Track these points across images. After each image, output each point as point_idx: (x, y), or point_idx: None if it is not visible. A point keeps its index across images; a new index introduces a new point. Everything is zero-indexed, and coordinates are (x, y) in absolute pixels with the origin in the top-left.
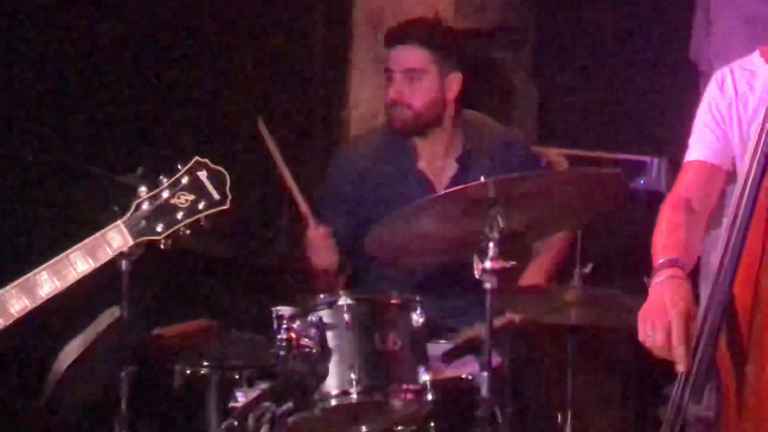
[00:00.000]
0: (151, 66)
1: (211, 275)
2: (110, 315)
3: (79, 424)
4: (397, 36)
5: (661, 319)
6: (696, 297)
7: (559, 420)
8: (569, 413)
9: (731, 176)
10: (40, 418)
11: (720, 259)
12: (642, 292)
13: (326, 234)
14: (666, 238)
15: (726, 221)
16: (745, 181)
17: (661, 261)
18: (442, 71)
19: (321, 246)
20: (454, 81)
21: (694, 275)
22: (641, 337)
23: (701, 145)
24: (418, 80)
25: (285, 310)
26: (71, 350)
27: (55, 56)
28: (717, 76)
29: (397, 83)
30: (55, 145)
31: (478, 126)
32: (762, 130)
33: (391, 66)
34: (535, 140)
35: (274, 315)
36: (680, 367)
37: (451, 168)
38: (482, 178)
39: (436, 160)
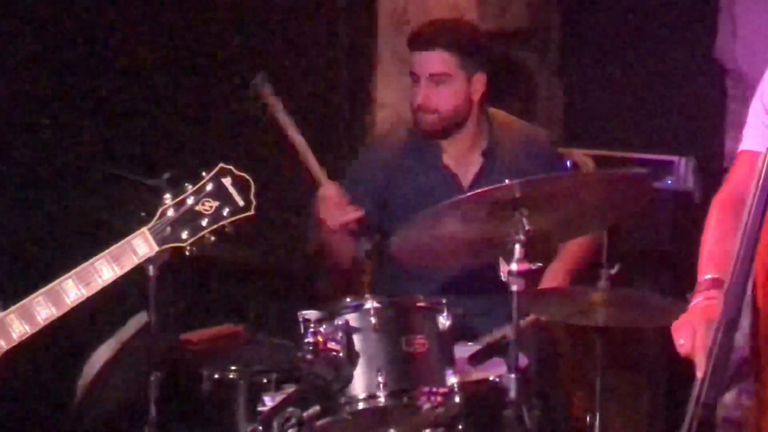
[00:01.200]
0: (174, 70)
1: (238, 280)
2: (138, 321)
3: (108, 429)
4: (422, 40)
5: (690, 329)
6: None
7: (587, 421)
8: (597, 414)
9: None
10: (69, 424)
11: (735, 257)
12: (668, 291)
13: (339, 191)
14: (711, 249)
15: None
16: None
17: (704, 279)
18: (467, 74)
19: (335, 204)
20: (480, 82)
21: None
22: (676, 346)
23: (754, 133)
24: (444, 84)
25: (311, 314)
26: (100, 356)
27: (85, 62)
28: None
29: (423, 88)
30: (81, 151)
31: (503, 123)
32: None
33: (417, 70)
34: (561, 141)
35: (300, 319)
36: (699, 373)
37: (477, 162)
38: (507, 180)
39: (461, 156)
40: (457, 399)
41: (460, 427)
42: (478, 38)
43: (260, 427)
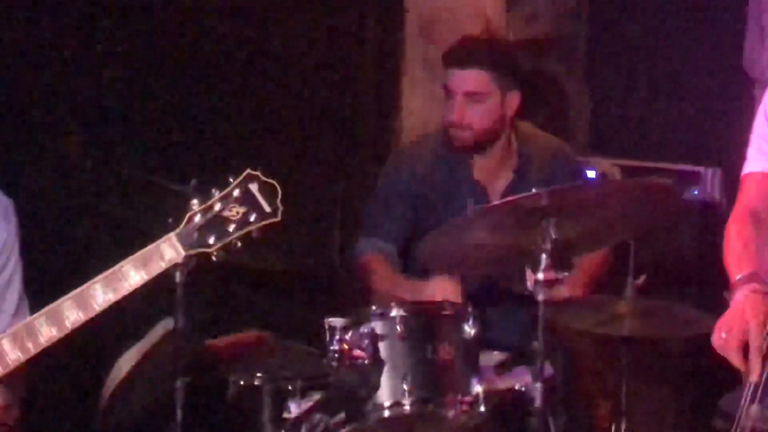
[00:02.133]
0: (202, 78)
1: (264, 287)
2: (164, 326)
3: None
4: (458, 58)
5: (738, 324)
6: None
7: (612, 431)
8: (622, 424)
9: None
10: (95, 429)
11: None
12: (695, 303)
13: None
14: (739, 253)
15: None
16: None
17: (739, 277)
18: (502, 92)
19: None
20: (514, 99)
21: None
22: (715, 341)
23: (760, 156)
24: (480, 102)
25: (337, 322)
26: (126, 361)
27: (108, 67)
28: None
29: (458, 105)
30: (111, 157)
31: (531, 137)
32: None
33: (452, 88)
34: (587, 150)
35: (326, 326)
36: (753, 377)
37: (507, 177)
38: (534, 189)
39: (492, 170)
40: (482, 408)
41: None
42: (512, 57)
43: None
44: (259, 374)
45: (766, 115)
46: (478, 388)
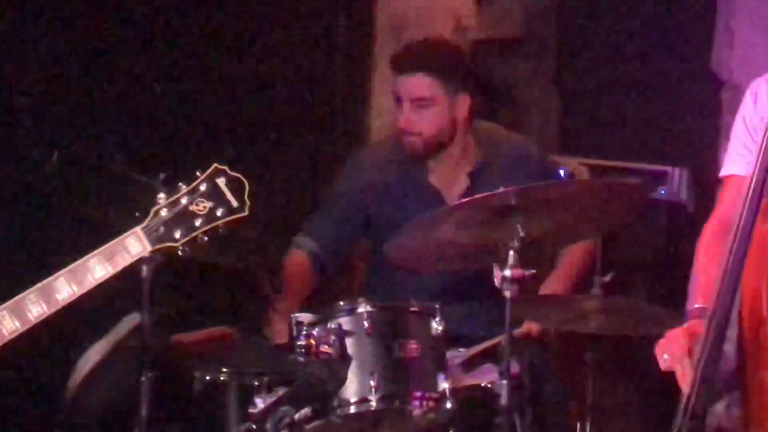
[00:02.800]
0: (171, 75)
1: (231, 282)
2: (131, 321)
3: (99, 429)
4: (404, 63)
5: (673, 345)
6: None
7: (578, 429)
8: (589, 422)
9: None
10: (60, 424)
11: (723, 273)
12: (661, 301)
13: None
14: (700, 276)
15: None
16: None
17: (692, 308)
18: (450, 96)
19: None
20: (464, 103)
21: None
22: (662, 365)
23: (738, 159)
24: (427, 108)
25: (305, 317)
26: (92, 355)
27: (81, 60)
28: (751, 87)
29: (406, 112)
30: (75, 150)
31: (492, 138)
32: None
33: (399, 94)
34: (556, 150)
35: (293, 321)
36: (680, 382)
37: (463, 181)
38: (502, 188)
39: (448, 175)
40: (448, 404)
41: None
42: (460, 60)
43: (254, 426)
44: (225, 369)
45: (745, 120)
46: (444, 385)
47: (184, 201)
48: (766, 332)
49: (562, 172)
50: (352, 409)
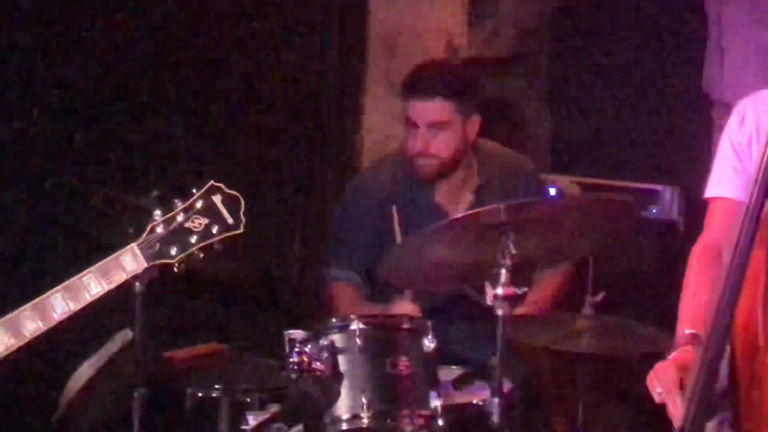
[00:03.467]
0: (164, 92)
1: (224, 299)
2: (123, 337)
3: None
4: (419, 89)
5: (663, 382)
6: None
7: None
8: None
9: None
10: None
11: (720, 298)
12: (653, 320)
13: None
14: (689, 301)
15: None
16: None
17: (681, 334)
18: (464, 118)
19: None
20: (475, 123)
21: None
22: (656, 399)
23: (725, 181)
24: (443, 131)
25: (297, 334)
26: (84, 371)
27: (76, 76)
28: (738, 108)
29: (421, 136)
30: (71, 167)
31: (492, 155)
32: (764, 156)
33: (414, 118)
34: (548, 168)
35: (286, 338)
36: (671, 411)
37: (468, 199)
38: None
39: (453, 193)
40: (440, 422)
41: None
42: (472, 81)
43: None
44: (217, 386)
45: (731, 140)
46: (436, 402)
47: (179, 218)
48: (761, 359)
49: (554, 190)
50: (344, 426)
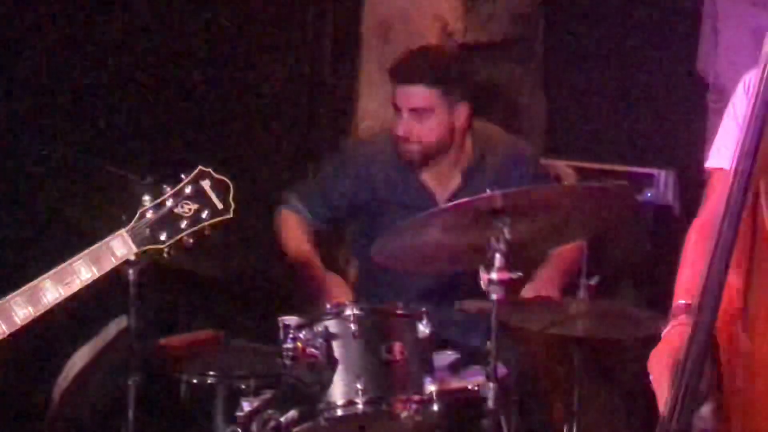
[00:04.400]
0: (156, 74)
1: (218, 285)
2: (117, 324)
3: None
4: (404, 73)
5: (660, 366)
6: None
7: (565, 431)
8: (575, 426)
9: None
10: (47, 427)
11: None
12: (648, 304)
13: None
14: (685, 272)
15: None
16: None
17: (676, 304)
18: (450, 105)
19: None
20: (463, 111)
21: None
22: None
23: (726, 152)
24: (427, 118)
25: (291, 320)
26: (79, 359)
27: (67, 62)
28: (744, 79)
29: (405, 121)
30: (60, 151)
31: (488, 138)
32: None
33: (398, 103)
34: (543, 153)
35: (280, 325)
36: (659, 402)
37: (456, 180)
38: (488, 191)
39: (441, 173)
40: (435, 407)
41: None
42: (460, 68)
43: (239, 429)
44: (211, 373)
45: (735, 111)
46: (431, 388)
47: (169, 203)
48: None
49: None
50: (339, 412)
